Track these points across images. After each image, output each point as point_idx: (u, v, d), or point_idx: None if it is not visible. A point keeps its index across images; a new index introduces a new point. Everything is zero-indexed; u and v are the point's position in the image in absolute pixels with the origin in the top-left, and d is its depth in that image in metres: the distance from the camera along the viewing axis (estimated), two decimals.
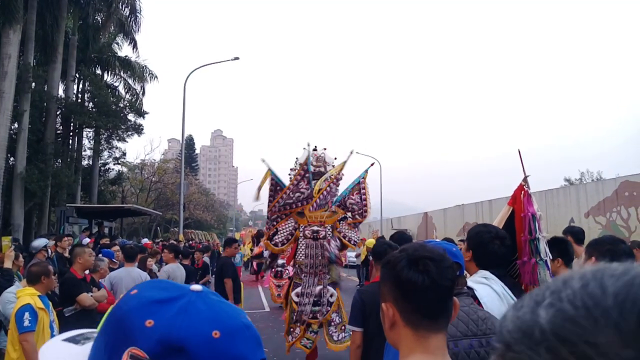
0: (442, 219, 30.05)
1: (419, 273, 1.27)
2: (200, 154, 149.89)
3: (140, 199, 38.90)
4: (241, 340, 0.63)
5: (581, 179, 40.91)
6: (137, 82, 26.66)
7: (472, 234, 2.70)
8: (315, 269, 6.84)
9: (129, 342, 0.60)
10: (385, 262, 1.37)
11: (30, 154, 18.22)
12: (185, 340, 0.59)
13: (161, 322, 0.60)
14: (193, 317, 0.62)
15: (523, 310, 0.47)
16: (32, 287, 4.25)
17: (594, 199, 18.39)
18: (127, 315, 0.62)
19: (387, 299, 1.31)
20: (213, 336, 0.60)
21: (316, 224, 6.94)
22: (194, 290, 0.66)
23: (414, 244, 1.41)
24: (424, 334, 1.26)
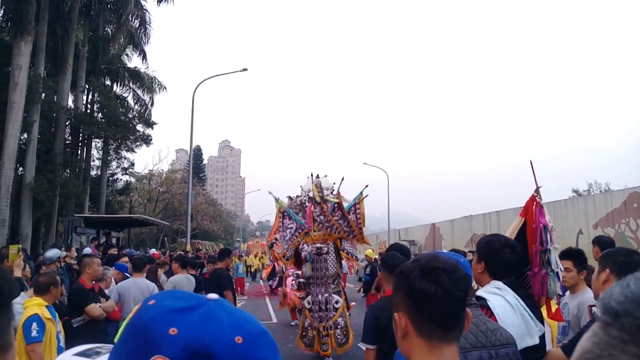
0: (450, 230, 29.89)
1: (431, 283, 1.27)
2: (208, 164, 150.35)
3: (147, 209, 38.99)
4: (262, 345, 0.65)
5: (589, 190, 40.57)
6: (146, 93, 26.89)
7: (482, 244, 2.68)
8: (320, 280, 8.04)
9: (152, 350, 0.60)
10: (398, 272, 1.38)
11: (39, 164, 18.36)
12: (211, 347, 0.60)
13: (185, 330, 0.61)
14: (215, 324, 0.63)
15: (631, 287, 0.57)
16: (39, 298, 4.24)
17: (602, 211, 18.26)
18: (149, 324, 0.63)
19: (400, 309, 1.31)
20: (236, 342, 0.62)
21: (320, 241, 8.15)
22: (211, 299, 0.67)
23: (427, 254, 1.41)
24: (436, 344, 1.26)
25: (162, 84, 27.17)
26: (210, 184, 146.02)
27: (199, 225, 45.01)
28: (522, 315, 2.44)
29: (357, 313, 14.37)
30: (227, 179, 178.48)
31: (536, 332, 2.46)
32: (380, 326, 3.57)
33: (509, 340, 2.03)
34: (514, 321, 2.35)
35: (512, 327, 2.18)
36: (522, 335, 2.34)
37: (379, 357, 3.56)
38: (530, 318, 2.47)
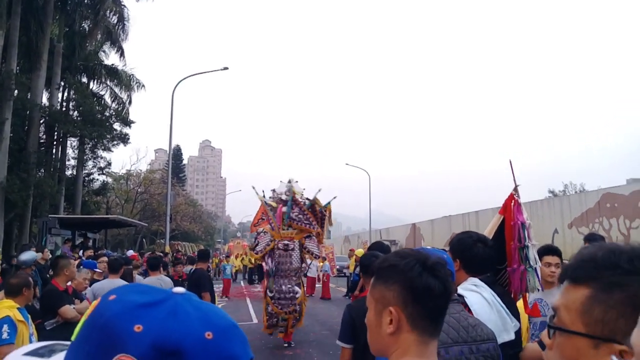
0: (430, 230, 30.21)
1: (434, 278, 1.30)
2: (188, 164, 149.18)
3: (125, 210, 38.46)
4: (233, 340, 0.64)
5: (565, 191, 41.38)
6: (123, 90, 26.50)
7: (455, 241, 2.72)
8: (285, 272, 9.15)
9: (116, 349, 0.57)
10: (388, 265, 1.37)
11: (12, 163, 17.93)
12: (180, 343, 0.58)
13: (151, 326, 0.59)
14: (184, 319, 0.61)
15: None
16: (11, 300, 4.13)
17: (577, 210, 18.74)
18: (112, 320, 0.59)
19: (394, 303, 1.30)
20: (206, 337, 0.60)
21: (287, 239, 9.29)
22: (177, 293, 0.65)
23: (415, 250, 1.43)
24: (426, 339, 1.29)
25: (140, 82, 26.82)
26: (191, 185, 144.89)
27: (178, 226, 44.57)
28: (498, 312, 2.47)
29: (337, 312, 14.44)
30: (208, 179, 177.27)
31: (512, 327, 2.50)
32: (356, 326, 3.58)
33: (489, 336, 2.06)
34: (490, 317, 2.38)
35: (488, 323, 2.20)
36: (499, 331, 2.36)
37: (354, 356, 3.58)
38: (507, 314, 2.50)
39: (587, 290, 0.84)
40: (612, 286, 0.81)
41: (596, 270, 0.84)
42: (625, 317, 0.78)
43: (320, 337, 10.70)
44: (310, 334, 10.87)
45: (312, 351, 9.34)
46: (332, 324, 12.34)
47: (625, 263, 0.81)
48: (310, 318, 12.47)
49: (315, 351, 9.34)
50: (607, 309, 0.80)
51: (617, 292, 0.80)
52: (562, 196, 29.76)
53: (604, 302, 0.81)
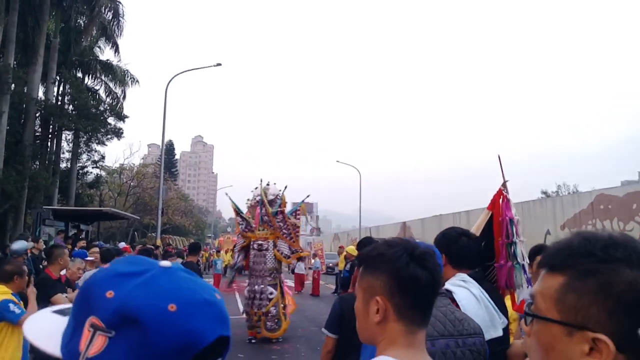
0: (421, 228, 30.29)
1: (422, 269, 1.29)
2: (180, 159, 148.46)
3: (118, 203, 38.35)
4: (199, 315, 0.64)
5: (558, 192, 41.58)
6: (118, 85, 26.43)
7: (439, 237, 2.69)
8: (258, 272, 9.31)
9: (90, 311, 0.63)
10: (376, 254, 1.36)
11: (8, 155, 17.89)
12: (140, 312, 0.60)
13: (121, 294, 0.62)
14: (152, 290, 0.63)
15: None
16: (3, 286, 4.21)
17: (569, 211, 18.61)
18: (92, 285, 0.65)
19: (380, 293, 1.29)
20: (169, 309, 0.61)
21: (261, 239, 9.49)
22: (162, 266, 0.68)
23: (404, 239, 1.41)
24: (414, 329, 1.27)
25: (134, 77, 26.77)
26: (182, 180, 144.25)
27: (169, 220, 44.46)
28: (486, 308, 2.49)
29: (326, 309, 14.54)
30: (200, 175, 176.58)
31: (500, 324, 2.51)
32: (345, 318, 3.63)
33: (476, 330, 2.06)
34: (478, 313, 2.39)
35: (476, 318, 2.21)
36: (487, 327, 2.37)
37: (338, 348, 3.66)
38: (495, 310, 2.51)
39: (562, 277, 0.84)
40: (586, 274, 0.81)
41: (571, 257, 0.84)
42: (598, 304, 0.78)
43: (309, 333, 10.72)
44: (299, 330, 10.89)
45: (299, 347, 9.38)
46: (320, 320, 12.41)
47: (599, 251, 0.82)
48: (298, 314, 12.54)
49: (303, 347, 9.38)
50: (581, 297, 0.80)
51: (590, 280, 0.80)
52: (555, 197, 29.83)
53: (578, 290, 0.81)
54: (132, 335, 0.60)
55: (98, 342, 0.60)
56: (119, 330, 0.60)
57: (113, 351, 0.60)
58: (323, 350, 3.69)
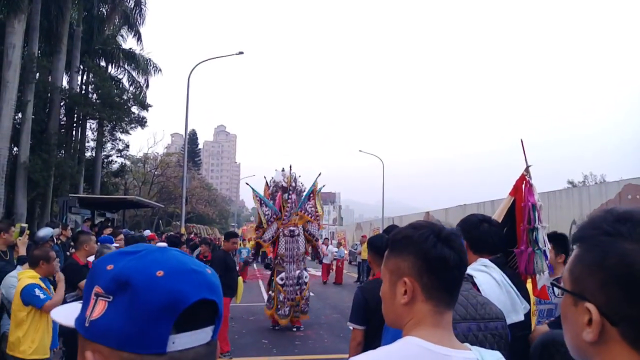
0: (444, 218, 29.95)
1: (449, 249, 1.30)
2: (203, 149, 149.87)
3: (142, 191, 38.90)
4: (184, 280, 0.71)
5: (584, 181, 40.71)
6: (141, 74, 26.62)
7: (460, 223, 2.73)
8: (293, 258, 9.51)
9: (94, 282, 0.72)
10: (402, 237, 1.37)
11: (34, 144, 18.26)
12: (131, 277, 0.69)
13: (118, 266, 0.71)
14: (144, 261, 0.72)
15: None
16: (32, 270, 4.31)
17: (596, 202, 18.28)
18: (98, 263, 0.75)
19: (409, 274, 1.31)
20: (156, 275, 0.69)
21: (292, 225, 9.65)
22: (158, 246, 0.77)
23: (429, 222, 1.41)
24: (442, 309, 1.29)
25: (157, 66, 26.89)
26: (205, 169, 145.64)
27: (193, 209, 44.99)
28: (508, 293, 2.47)
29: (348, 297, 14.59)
30: (222, 164, 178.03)
31: (521, 309, 2.50)
32: (370, 307, 3.55)
33: (498, 315, 2.06)
34: (499, 298, 2.38)
35: (497, 303, 2.20)
36: (507, 312, 2.36)
37: (366, 338, 3.58)
38: (516, 295, 2.50)
39: (577, 249, 0.87)
40: (593, 246, 0.83)
41: (586, 230, 0.87)
42: (593, 276, 0.80)
43: (331, 320, 10.82)
44: (322, 317, 11.01)
45: (322, 333, 9.46)
46: (342, 307, 12.47)
47: (607, 224, 0.83)
48: (321, 302, 12.62)
49: (327, 333, 9.46)
50: (583, 268, 0.83)
51: (593, 252, 0.82)
52: (581, 187, 29.30)
53: (583, 261, 0.84)
54: (125, 297, 0.68)
55: (99, 306, 0.69)
56: (115, 295, 0.69)
57: (111, 313, 0.68)
58: (352, 343, 3.61)
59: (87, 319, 0.70)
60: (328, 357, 7.70)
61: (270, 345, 7.99)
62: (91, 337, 0.70)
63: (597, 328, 0.78)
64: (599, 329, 0.78)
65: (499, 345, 1.99)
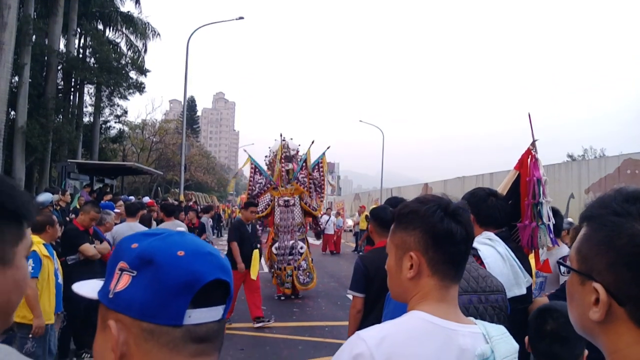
0: (443, 190, 30.01)
1: (456, 223, 1.30)
2: (202, 116, 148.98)
3: (141, 158, 38.78)
4: (202, 261, 0.77)
5: (584, 156, 40.74)
6: (139, 39, 26.19)
7: (467, 196, 2.73)
8: (287, 228, 9.44)
9: (119, 259, 0.78)
10: (409, 211, 1.37)
11: (31, 109, 18.07)
12: (155, 255, 0.76)
13: (142, 245, 0.78)
14: (166, 241, 0.79)
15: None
16: (36, 236, 4.30)
17: (595, 176, 18.37)
18: (122, 242, 0.82)
19: (415, 248, 1.31)
20: (178, 254, 0.76)
21: (287, 195, 9.54)
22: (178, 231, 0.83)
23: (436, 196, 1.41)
24: (447, 284, 1.30)
25: (155, 30, 26.44)
26: (204, 137, 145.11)
27: (192, 177, 45.00)
28: (511, 266, 2.50)
29: (346, 265, 14.73)
30: (221, 132, 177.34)
31: (524, 282, 2.53)
32: (369, 276, 3.62)
33: (498, 288, 2.09)
34: (503, 271, 2.40)
35: (501, 276, 2.23)
36: (510, 285, 2.40)
37: (365, 306, 3.64)
38: (520, 269, 2.53)
39: (585, 228, 0.87)
40: (601, 226, 0.83)
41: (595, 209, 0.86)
42: (601, 255, 0.80)
43: (329, 289, 10.98)
44: (320, 285, 11.12)
45: (320, 301, 9.59)
46: (340, 276, 12.62)
47: (617, 204, 0.83)
48: (319, 270, 12.72)
49: (324, 301, 9.59)
50: (591, 247, 0.83)
51: (602, 231, 0.82)
52: (580, 160, 29.29)
53: (591, 240, 0.83)
54: (148, 273, 0.75)
55: (123, 280, 0.76)
56: (140, 270, 0.75)
57: (134, 286, 0.75)
58: (352, 311, 3.70)
59: (111, 291, 0.77)
60: (326, 324, 7.81)
61: (269, 312, 8.08)
62: (114, 307, 0.76)
63: (604, 308, 0.78)
64: (605, 309, 0.78)
65: (498, 317, 2.02)
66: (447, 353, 1.22)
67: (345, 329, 6.05)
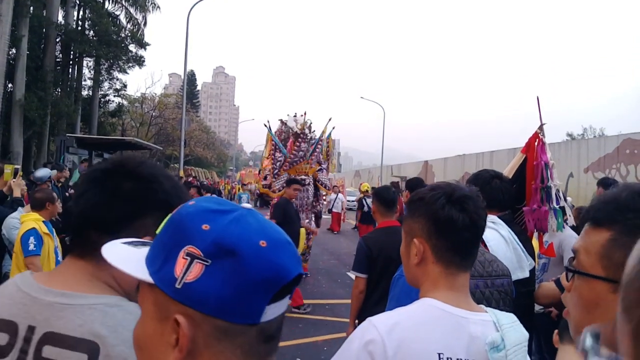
0: (442, 168, 30.10)
1: (458, 212, 1.29)
2: (202, 90, 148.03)
3: (140, 133, 38.62)
4: (285, 253, 0.70)
5: (583, 134, 40.69)
6: (138, 11, 25.86)
7: (472, 178, 2.72)
8: (302, 207, 9.13)
9: (186, 241, 0.68)
10: (417, 198, 1.38)
11: (29, 81, 17.88)
12: (237, 245, 0.66)
13: (216, 227, 0.68)
14: (244, 226, 0.69)
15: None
16: (36, 213, 4.27)
17: (594, 155, 18.41)
18: (186, 218, 0.70)
19: (420, 235, 1.32)
20: (260, 245, 0.67)
21: (302, 174, 9.29)
22: (244, 208, 0.74)
23: (451, 183, 1.41)
24: (453, 271, 1.30)
25: (155, 2, 26.07)
26: (204, 111, 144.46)
27: (192, 152, 44.91)
28: (514, 250, 2.50)
29: (346, 243, 14.81)
30: (221, 107, 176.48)
31: (527, 266, 2.54)
32: (372, 256, 3.64)
33: (504, 272, 2.10)
34: (506, 254, 2.40)
35: (504, 260, 2.23)
36: (514, 268, 2.40)
37: (368, 286, 3.67)
38: (522, 252, 2.52)
39: (608, 233, 0.81)
40: (636, 229, 0.77)
41: (619, 212, 0.81)
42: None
43: (329, 266, 11.04)
44: (319, 262, 11.20)
45: (320, 278, 9.66)
46: (340, 254, 12.69)
47: None
48: (319, 247, 12.80)
49: (324, 279, 9.67)
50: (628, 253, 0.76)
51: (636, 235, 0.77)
52: (580, 140, 29.25)
53: (625, 246, 0.77)
54: (228, 264, 0.66)
55: (195, 269, 0.66)
56: (216, 260, 0.66)
57: (209, 278, 0.66)
58: (354, 291, 3.74)
59: (178, 279, 0.67)
60: (326, 301, 7.87)
61: None
62: (184, 301, 0.67)
63: None
64: None
65: (504, 301, 2.03)
66: (457, 340, 1.23)
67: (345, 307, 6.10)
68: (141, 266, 0.71)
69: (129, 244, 0.78)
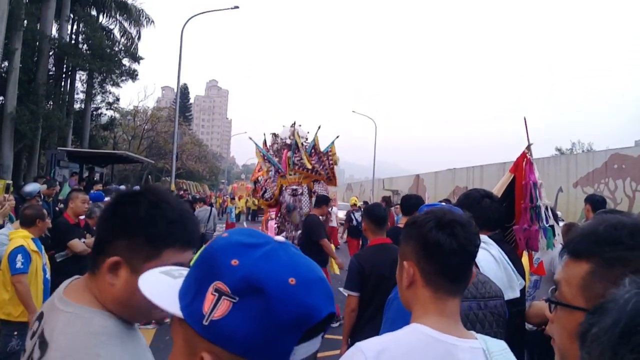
0: (434, 181, 30.19)
1: (446, 236, 1.29)
2: (195, 104, 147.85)
3: (132, 146, 38.46)
4: (315, 291, 0.68)
5: (572, 149, 41.03)
6: (133, 26, 25.89)
7: (462, 198, 2.73)
8: None
9: (215, 276, 0.67)
10: (410, 222, 1.40)
11: (21, 94, 17.77)
12: (265, 282, 0.65)
13: (245, 263, 0.67)
14: (274, 263, 0.68)
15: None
16: (25, 230, 4.20)
17: (583, 170, 18.57)
18: (216, 252, 0.70)
19: (410, 258, 1.33)
20: (289, 282, 0.66)
21: (294, 184, 8.96)
22: (277, 241, 0.72)
23: (441, 207, 1.43)
24: (442, 296, 1.29)
25: (149, 17, 26.16)
26: (197, 124, 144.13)
27: (183, 165, 44.73)
28: (505, 269, 2.50)
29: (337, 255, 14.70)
30: (214, 120, 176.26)
31: (517, 285, 2.54)
32: (364, 274, 3.63)
33: (497, 293, 2.10)
34: (497, 274, 2.40)
35: (495, 280, 2.24)
36: (505, 288, 2.38)
37: (360, 304, 3.65)
38: (513, 272, 2.53)
39: (588, 265, 0.83)
40: (613, 262, 0.80)
41: (597, 245, 0.83)
42: None
43: None
44: None
45: None
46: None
47: (626, 238, 0.80)
48: None
49: None
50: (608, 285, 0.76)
51: (618, 268, 0.78)
52: (569, 155, 29.50)
53: (605, 278, 0.79)
54: (256, 303, 0.64)
55: (223, 306, 0.65)
56: (243, 297, 0.65)
57: (237, 316, 0.64)
58: (346, 309, 3.71)
59: (206, 316, 0.66)
60: None
61: None
62: (212, 339, 0.66)
63: None
64: None
65: (497, 323, 2.03)
66: None
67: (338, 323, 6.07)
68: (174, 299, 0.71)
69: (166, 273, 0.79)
